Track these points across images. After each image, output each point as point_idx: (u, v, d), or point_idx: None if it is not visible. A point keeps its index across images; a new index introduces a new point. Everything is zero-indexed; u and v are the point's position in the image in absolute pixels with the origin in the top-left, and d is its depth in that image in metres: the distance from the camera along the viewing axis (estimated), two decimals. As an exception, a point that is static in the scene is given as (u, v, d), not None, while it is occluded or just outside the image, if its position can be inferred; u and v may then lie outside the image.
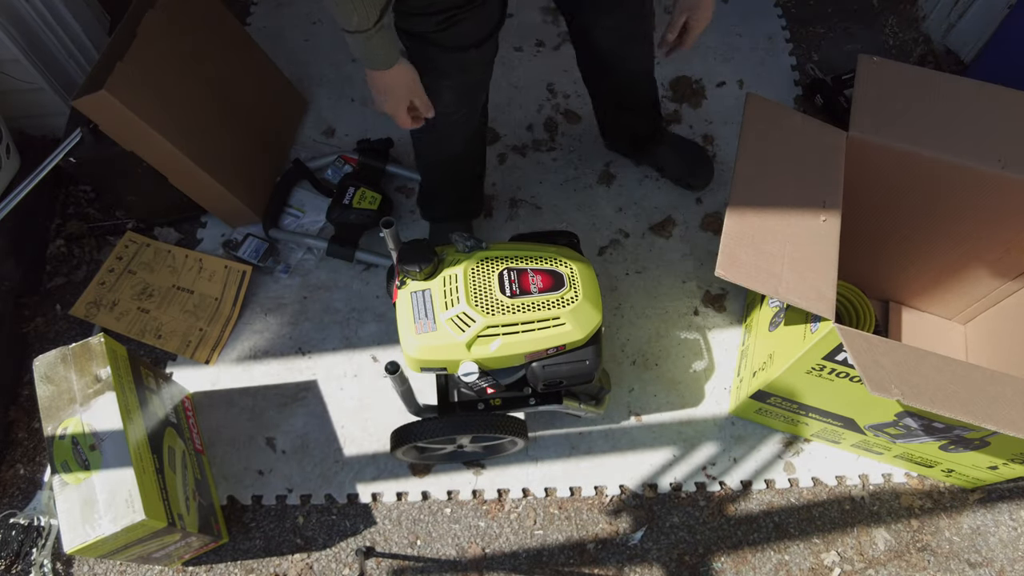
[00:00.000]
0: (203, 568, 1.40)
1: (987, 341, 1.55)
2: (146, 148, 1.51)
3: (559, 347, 1.15)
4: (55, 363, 1.24)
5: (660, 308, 1.69)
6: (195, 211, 1.76)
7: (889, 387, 1.00)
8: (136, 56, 1.45)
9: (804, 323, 1.20)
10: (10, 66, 1.64)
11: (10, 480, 1.49)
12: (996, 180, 1.24)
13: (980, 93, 1.30)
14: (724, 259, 1.10)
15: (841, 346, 1.07)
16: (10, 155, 1.67)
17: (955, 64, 2.08)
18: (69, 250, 1.76)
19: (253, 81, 1.81)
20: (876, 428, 1.32)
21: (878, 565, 1.41)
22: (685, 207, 1.83)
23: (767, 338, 1.39)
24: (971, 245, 1.42)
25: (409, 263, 1.13)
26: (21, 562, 1.40)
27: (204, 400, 1.56)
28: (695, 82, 2.03)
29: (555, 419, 1.53)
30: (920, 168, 1.28)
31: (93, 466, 1.15)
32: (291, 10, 2.20)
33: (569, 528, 1.44)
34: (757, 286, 1.08)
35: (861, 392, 1.19)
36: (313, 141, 1.94)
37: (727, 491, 1.48)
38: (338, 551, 1.41)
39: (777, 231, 1.15)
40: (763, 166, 1.22)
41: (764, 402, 1.41)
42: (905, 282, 1.61)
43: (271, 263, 1.72)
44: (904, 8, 2.22)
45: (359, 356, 1.62)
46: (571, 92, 2.02)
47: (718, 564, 1.41)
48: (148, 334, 1.63)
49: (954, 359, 1.06)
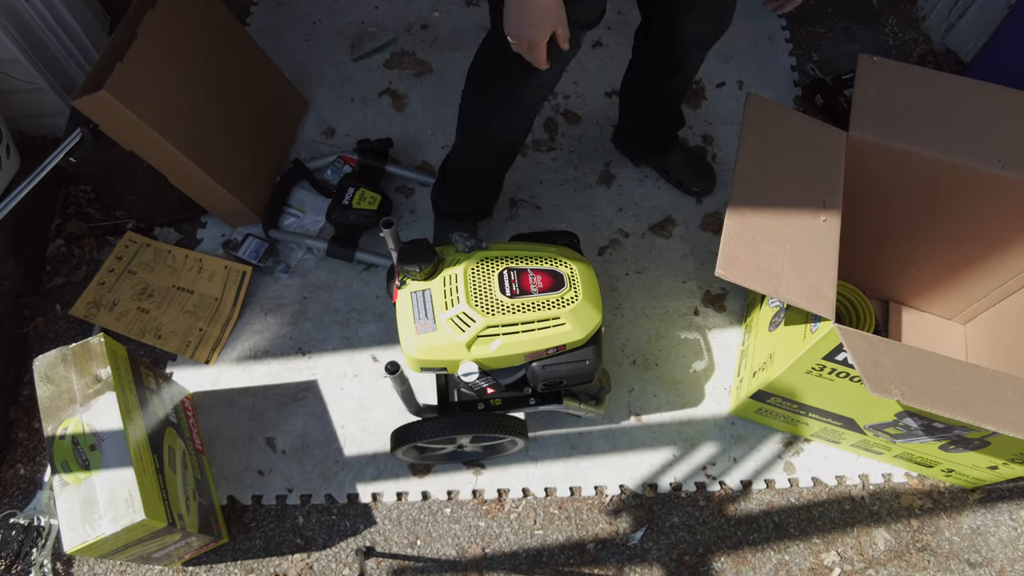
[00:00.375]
0: (203, 568, 1.40)
1: (987, 341, 1.55)
2: (146, 148, 1.51)
3: (559, 347, 1.15)
4: (55, 363, 1.24)
5: (660, 308, 1.69)
6: (195, 211, 1.76)
7: (889, 387, 1.00)
8: (136, 56, 1.45)
9: (804, 323, 1.20)
10: (10, 66, 1.64)
11: (10, 480, 1.49)
12: (996, 180, 1.24)
13: (980, 93, 1.30)
14: (724, 259, 1.10)
15: (841, 346, 1.07)
16: (10, 155, 1.67)
17: (955, 64, 2.08)
18: (69, 250, 1.76)
19: (253, 81, 1.81)
20: (876, 428, 1.32)
21: (878, 565, 1.41)
22: (685, 207, 1.83)
23: (767, 338, 1.39)
24: (971, 245, 1.42)
25: (409, 263, 1.13)
26: (21, 562, 1.40)
27: (204, 400, 1.56)
28: (695, 82, 2.03)
29: (555, 419, 1.53)
30: (920, 168, 1.28)
31: (93, 466, 1.15)
32: (291, 10, 2.20)
33: (569, 528, 1.44)
34: (757, 286, 1.09)
35: (861, 392, 1.19)
36: (313, 141, 1.94)
37: (727, 491, 1.48)
38: (338, 551, 1.41)
39: (777, 231, 1.15)
40: (763, 166, 1.22)
41: (764, 402, 1.41)
42: (905, 282, 1.61)
43: (271, 263, 1.72)
44: (904, 8, 2.22)
45: (359, 356, 1.62)
46: (571, 92, 2.02)
47: (718, 564, 1.41)
48: (148, 334, 1.63)
49: (954, 359, 1.06)
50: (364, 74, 2.07)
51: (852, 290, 1.51)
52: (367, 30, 2.15)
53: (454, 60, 2.08)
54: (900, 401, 1.00)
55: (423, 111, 1.99)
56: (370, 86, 2.04)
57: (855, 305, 1.50)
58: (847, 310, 1.50)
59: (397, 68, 2.07)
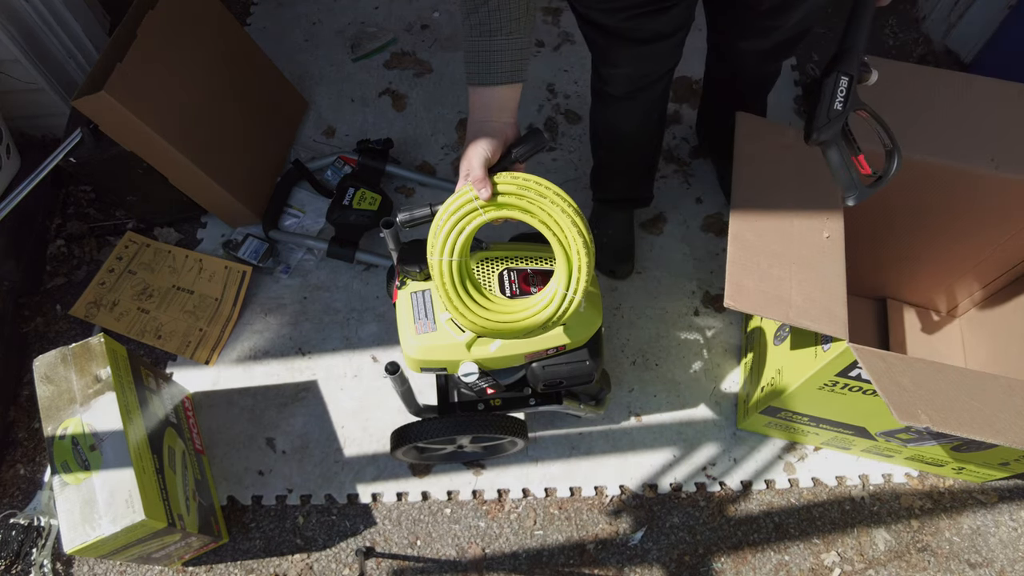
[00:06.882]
0: (203, 568, 1.40)
1: (982, 335, 1.56)
2: (146, 148, 1.51)
3: (559, 347, 1.15)
4: (55, 363, 1.24)
5: (660, 308, 1.69)
6: (195, 211, 1.76)
7: (916, 413, 0.98)
8: (136, 56, 1.45)
9: (814, 340, 1.18)
10: (10, 66, 1.64)
11: (10, 480, 1.49)
12: (990, 180, 1.24)
13: (974, 88, 1.29)
14: (731, 289, 1.09)
15: (855, 363, 1.06)
16: (10, 155, 1.67)
17: (955, 64, 2.08)
18: (69, 250, 1.76)
19: (253, 81, 1.81)
20: (888, 435, 1.32)
21: (878, 565, 1.41)
22: (685, 207, 1.83)
23: (774, 352, 1.38)
24: (966, 243, 1.43)
25: (409, 263, 1.13)
26: (21, 562, 1.40)
27: (204, 400, 1.56)
28: (695, 83, 2.03)
29: (555, 419, 1.53)
30: (915, 168, 1.27)
31: (93, 466, 1.15)
32: (291, 10, 2.20)
33: (569, 528, 1.44)
34: (767, 313, 1.07)
35: (874, 403, 1.19)
36: (313, 141, 1.94)
37: (727, 491, 1.48)
38: (338, 551, 1.41)
39: (781, 253, 1.14)
40: (760, 187, 1.21)
41: (774, 416, 1.40)
42: (901, 279, 1.61)
43: (271, 263, 1.72)
44: (904, 8, 2.22)
45: (359, 356, 1.62)
46: (571, 92, 2.02)
47: (718, 564, 1.41)
48: (148, 334, 1.63)
49: (971, 371, 1.05)
50: (364, 74, 2.07)
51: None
52: (367, 30, 2.15)
53: (454, 60, 2.08)
54: (929, 428, 0.98)
55: (423, 111, 1.99)
56: (370, 86, 2.04)
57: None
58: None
59: (397, 68, 2.07)
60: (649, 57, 1.26)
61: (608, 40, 1.23)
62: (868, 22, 0.97)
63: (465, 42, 0.92)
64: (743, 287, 1.10)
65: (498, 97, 0.93)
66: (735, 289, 1.09)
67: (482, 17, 0.89)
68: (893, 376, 1.02)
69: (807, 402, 1.29)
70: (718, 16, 1.40)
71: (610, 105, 1.42)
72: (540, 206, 0.91)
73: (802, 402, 1.30)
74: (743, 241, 1.15)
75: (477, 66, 0.91)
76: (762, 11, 1.24)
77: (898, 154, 0.99)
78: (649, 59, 1.27)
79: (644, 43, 1.21)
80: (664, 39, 1.22)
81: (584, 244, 0.93)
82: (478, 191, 0.90)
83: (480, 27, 0.90)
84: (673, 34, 1.23)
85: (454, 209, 0.92)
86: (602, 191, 1.69)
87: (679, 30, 1.23)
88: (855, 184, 0.98)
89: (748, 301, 1.08)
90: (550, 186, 0.92)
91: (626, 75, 1.31)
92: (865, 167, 0.99)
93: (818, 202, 1.20)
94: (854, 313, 1.59)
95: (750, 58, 1.44)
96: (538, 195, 0.91)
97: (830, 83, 0.97)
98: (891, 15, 2.21)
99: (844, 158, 0.98)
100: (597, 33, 1.24)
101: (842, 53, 0.97)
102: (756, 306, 1.08)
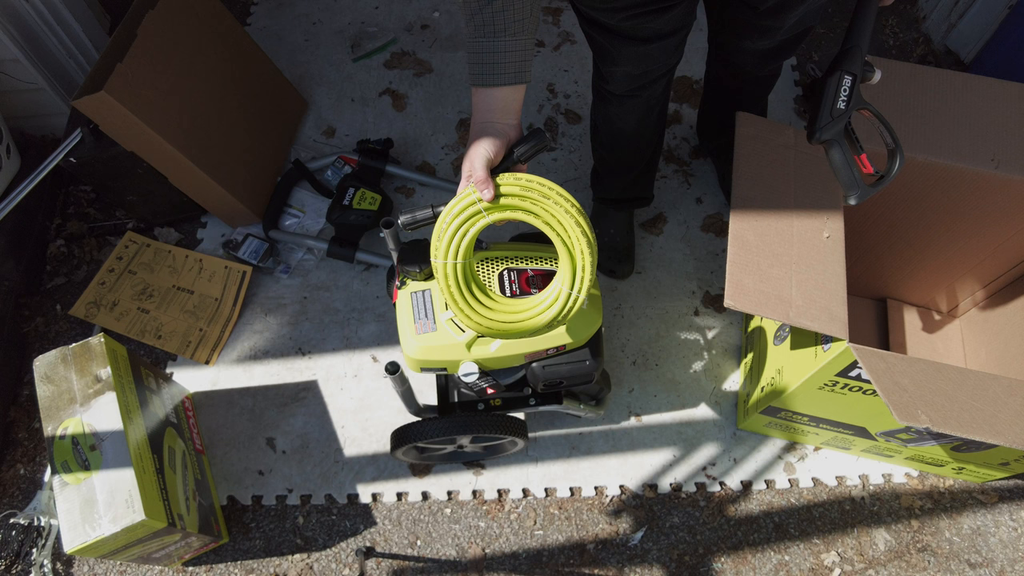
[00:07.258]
0: (203, 568, 1.40)
1: (982, 335, 1.56)
2: (146, 148, 1.51)
3: (559, 347, 1.15)
4: (55, 363, 1.24)
5: (660, 308, 1.69)
6: (195, 211, 1.76)
7: (916, 413, 0.99)
8: (136, 56, 1.45)
9: (814, 339, 1.18)
10: (10, 66, 1.64)
11: (10, 480, 1.49)
12: (991, 180, 1.24)
13: (974, 88, 1.29)
14: (731, 288, 1.09)
15: (855, 363, 1.07)
16: (10, 155, 1.67)
17: (955, 64, 2.08)
18: (69, 250, 1.76)
19: (253, 81, 1.81)
20: (888, 435, 1.32)
21: (878, 565, 1.41)
22: (685, 207, 1.83)
23: (774, 352, 1.38)
24: (967, 242, 1.43)
25: (409, 263, 1.13)
26: (21, 562, 1.40)
27: (204, 400, 1.56)
28: (695, 82, 2.03)
29: (555, 419, 1.53)
30: (916, 168, 1.27)
31: (93, 466, 1.15)
32: (291, 10, 2.20)
33: (569, 528, 1.44)
34: (767, 313, 1.08)
35: (874, 403, 1.19)
36: (313, 141, 1.94)
37: (727, 491, 1.48)
38: (338, 551, 1.41)
39: (781, 253, 1.14)
40: (760, 187, 1.21)
41: (774, 416, 1.40)
42: (902, 279, 1.61)
43: (271, 263, 1.72)
44: (904, 8, 2.22)
45: (359, 356, 1.62)
46: (571, 92, 2.02)
47: (718, 564, 1.41)
48: (148, 334, 1.63)
49: (971, 371, 1.05)
50: (364, 74, 2.07)
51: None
52: (367, 30, 2.15)
53: (454, 60, 2.08)
54: (929, 429, 0.99)
55: (423, 111, 1.99)
56: (370, 86, 2.04)
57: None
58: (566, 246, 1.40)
59: (397, 68, 2.07)
60: (650, 56, 1.26)
61: (609, 39, 1.23)
62: (872, 22, 0.97)
63: (468, 42, 0.92)
64: (743, 287, 1.10)
65: (501, 98, 0.93)
66: (735, 289, 1.10)
67: (486, 17, 0.89)
68: (893, 376, 1.02)
69: (807, 402, 1.29)
70: (719, 16, 1.40)
71: (611, 103, 1.42)
72: (543, 207, 0.91)
73: (802, 402, 1.30)
74: (743, 241, 1.15)
75: (481, 67, 0.91)
76: (763, 10, 1.24)
77: (900, 153, 0.99)
78: (650, 58, 1.27)
79: (645, 42, 1.22)
80: (665, 38, 1.22)
81: (588, 244, 0.93)
82: (481, 192, 0.90)
83: (484, 27, 0.89)
84: (674, 33, 1.23)
85: (457, 211, 0.92)
86: (602, 191, 1.69)
87: (680, 29, 1.24)
88: (857, 183, 0.98)
89: (748, 301, 1.09)
90: (553, 186, 0.92)
91: (627, 74, 1.31)
92: (867, 166, 0.99)
93: (818, 202, 1.20)
94: (854, 313, 1.60)
95: (751, 58, 1.44)
96: (541, 196, 0.91)
97: (833, 82, 0.97)
98: (891, 15, 2.21)
99: (846, 157, 0.98)
100: (598, 32, 1.24)
101: (845, 52, 0.97)
102: (756, 306, 1.08)
